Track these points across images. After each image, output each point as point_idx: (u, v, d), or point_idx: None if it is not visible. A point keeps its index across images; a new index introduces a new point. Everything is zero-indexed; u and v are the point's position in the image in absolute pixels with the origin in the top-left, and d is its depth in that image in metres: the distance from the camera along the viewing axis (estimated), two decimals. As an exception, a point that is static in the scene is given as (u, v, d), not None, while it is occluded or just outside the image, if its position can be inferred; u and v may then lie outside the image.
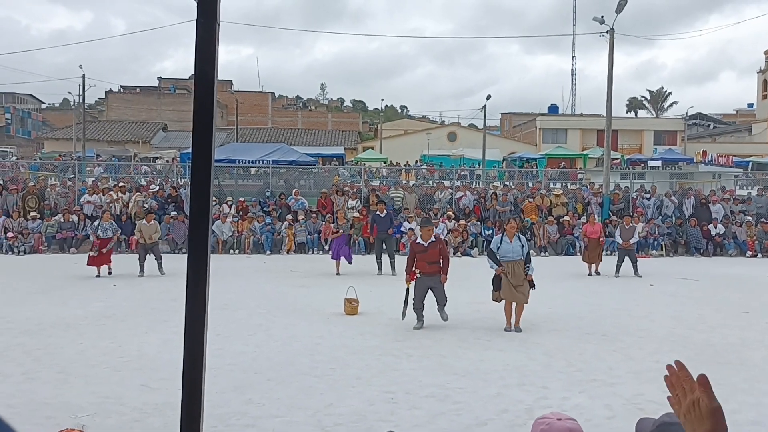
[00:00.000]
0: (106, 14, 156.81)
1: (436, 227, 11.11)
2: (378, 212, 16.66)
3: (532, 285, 9.82)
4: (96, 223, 16.84)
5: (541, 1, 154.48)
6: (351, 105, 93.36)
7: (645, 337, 9.22)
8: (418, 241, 10.05)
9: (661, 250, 21.32)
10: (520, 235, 10.24)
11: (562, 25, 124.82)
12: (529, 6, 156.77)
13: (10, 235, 19.83)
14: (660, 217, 22.66)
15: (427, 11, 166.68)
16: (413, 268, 9.80)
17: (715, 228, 21.77)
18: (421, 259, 9.76)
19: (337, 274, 15.42)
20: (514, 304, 9.69)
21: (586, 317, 10.69)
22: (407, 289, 9.87)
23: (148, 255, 15.30)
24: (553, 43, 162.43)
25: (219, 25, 1.31)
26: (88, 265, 14.85)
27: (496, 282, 9.80)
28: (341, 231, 16.39)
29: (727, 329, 9.86)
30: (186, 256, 1.34)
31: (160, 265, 15.21)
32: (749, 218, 22.35)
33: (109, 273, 15.09)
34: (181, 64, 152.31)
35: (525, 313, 9.80)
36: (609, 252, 18.89)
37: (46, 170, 30.55)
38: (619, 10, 22.96)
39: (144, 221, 15.95)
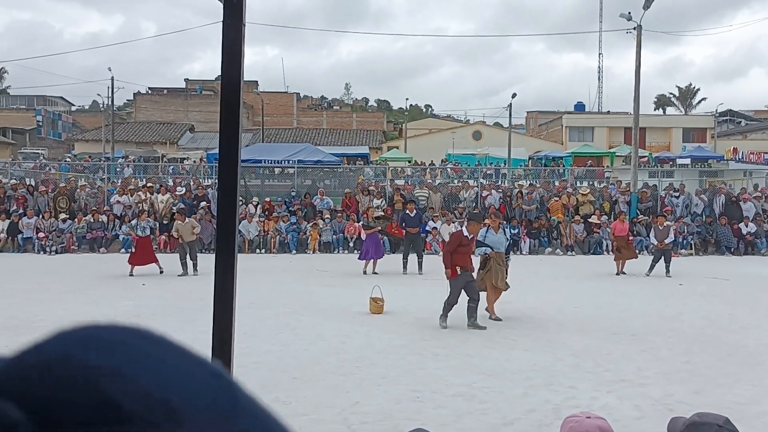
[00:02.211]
0: (137, 17, 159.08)
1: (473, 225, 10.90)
2: (408, 212, 16.60)
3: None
4: (134, 221, 17.00)
5: (562, 0, 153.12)
6: (375, 105, 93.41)
7: (675, 338, 9.08)
8: (465, 234, 9.95)
9: (691, 249, 21.00)
10: (506, 229, 11.05)
11: (585, 23, 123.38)
12: (552, 4, 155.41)
13: (41, 235, 20.22)
14: (689, 215, 22.33)
15: (448, 11, 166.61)
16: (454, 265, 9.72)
17: (747, 226, 21.38)
18: (464, 252, 9.72)
19: (364, 273, 15.43)
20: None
21: (614, 317, 10.56)
22: (452, 290, 9.63)
23: (187, 254, 15.30)
24: (579, 41, 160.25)
25: (245, 26, 1.31)
26: (129, 263, 15.01)
27: (484, 263, 10.34)
28: (374, 228, 16.24)
29: (760, 330, 9.67)
30: (213, 255, 1.36)
31: (195, 266, 15.19)
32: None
33: (161, 272, 15.19)
34: (208, 65, 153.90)
35: (552, 312, 9.86)
36: (639, 250, 18.65)
37: (76, 171, 31.06)
38: (646, 6, 22.67)
39: (179, 221, 15.97)
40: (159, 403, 0.37)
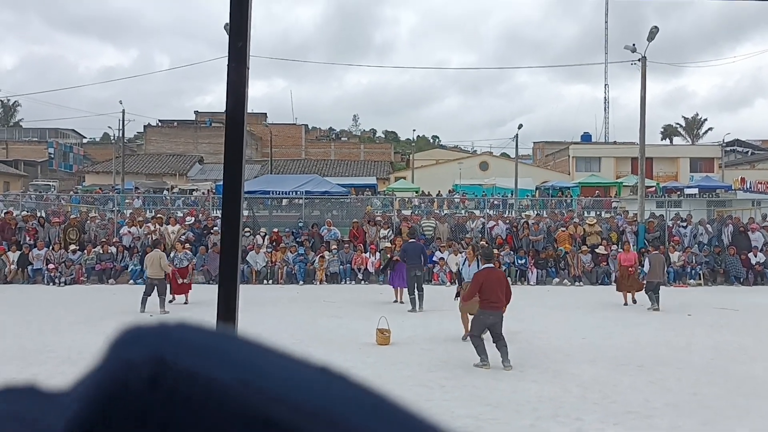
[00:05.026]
0: (151, 51, 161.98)
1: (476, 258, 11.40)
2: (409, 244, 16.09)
3: None
4: (172, 254, 17.01)
5: (563, 32, 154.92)
6: (383, 136, 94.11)
7: (683, 369, 9.02)
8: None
9: (699, 279, 20.89)
10: (479, 261, 11.10)
11: (588, 54, 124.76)
12: (552, 36, 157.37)
13: (51, 266, 20.35)
14: (696, 245, 22.26)
15: (450, 44, 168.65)
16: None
17: (755, 256, 21.27)
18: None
19: (395, 301, 15.50)
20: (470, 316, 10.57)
21: (621, 348, 10.51)
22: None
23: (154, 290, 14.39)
24: (584, 72, 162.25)
25: (248, 69, 1.40)
26: (172, 293, 15.19)
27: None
28: (397, 257, 16.11)
29: (770, 360, 9.59)
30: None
31: (162, 302, 14.33)
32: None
33: (185, 302, 15.24)
34: (219, 98, 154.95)
35: (560, 343, 9.80)
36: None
37: (87, 203, 31.36)
38: (650, 38, 22.91)
39: (149, 253, 15.41)
40: (316, 415, 0.32)
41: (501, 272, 9.81)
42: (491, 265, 9.70)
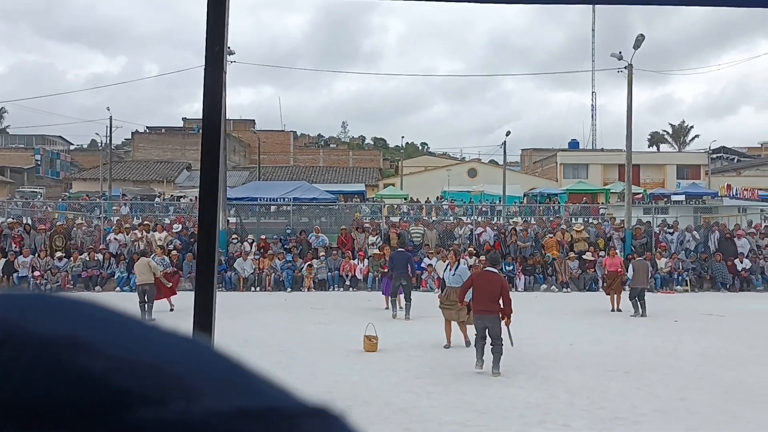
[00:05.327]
0: (140, 59, 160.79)
1: (457, 263, 11.65)
2: (397, 252, 15.75)
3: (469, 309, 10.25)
4: (152, 256, 16.92)
5: (548, 40, 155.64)
6: (372, 143, 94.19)
7: (671, 375, 9.05)
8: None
9: (686, 285, 21.00)
10: (459, 266, 11.55)
11: (575, 61, 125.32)
12: (537, 44, 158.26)
13: (37, 273, 20.17)
14: (683, 251, 22.39)
15: (438, 52, 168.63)
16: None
17: (741, 263, 21.43)
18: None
19: (387, 308, 15.09)
20: (453, 324, 10.89)
21: (609, 354, 10.53)
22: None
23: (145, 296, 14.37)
24: (571, 80, 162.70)
25: (226, 74, 1.38)
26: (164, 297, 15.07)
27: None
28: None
29: (758, 366, 9.62)
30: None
31: (150, 308, 14.24)
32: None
33: (171, 309, 15.03)
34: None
35: (547, 349, 9.88)
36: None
37: (73, 210, 31.13)
38: (637, 45, 23.10)
39: (136, 261, 15.36)
40: (161, 376, 0.30)
41: (498, 276, 9.51)
42: (492, 269, 9.70)
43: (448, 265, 11.76)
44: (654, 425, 6.76)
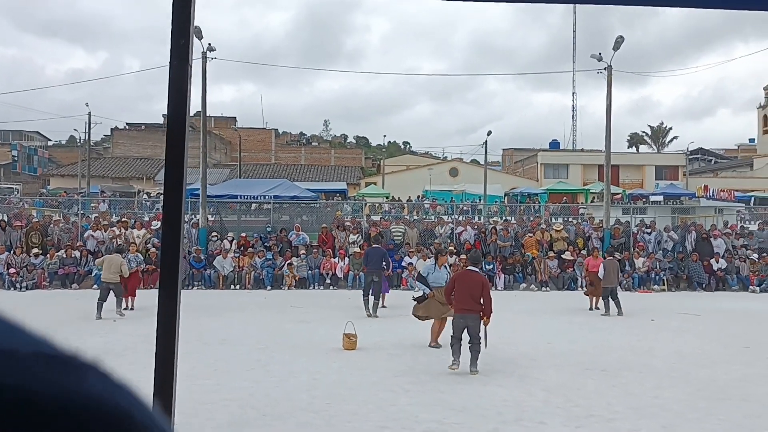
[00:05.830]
0: (121, 54, 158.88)
1: (443, 263, 11.78)
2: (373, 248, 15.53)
3: None
4: (124, 254, 16.76)
5: (530, 41, 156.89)
6: (354, 141, 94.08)
7: (646, 373, 9.15)
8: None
9: (663, 284, 21.24)
10: (447, 266, 11.91)
11: (555, 62, 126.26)
12: (520, 45, 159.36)
13: (12, 270, 19.88)
14: (660, 251, 22.64)
15: (420, 52, 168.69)
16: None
17: (717, 263, 21.71)
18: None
19: (365, 306, 14.86)
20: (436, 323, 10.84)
21: (586, 352, 10.62)
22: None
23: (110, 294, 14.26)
24: (552, 80, 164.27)
25: (191, 67, 1.37)
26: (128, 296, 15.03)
27: (421, 300, 11.17)
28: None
29: (730, 365, 9.77)
30: (188, 291, 1.38)
31: (119, 302, 14.28)
32: (754, 255, 22.19)
33: (131, 308, 14.91)
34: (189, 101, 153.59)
35: (525, 347, 9.94)
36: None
37: (51, 206, 30.71)
38: (616, 47, 23.29)
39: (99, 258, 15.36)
40: None
41: (479, 276, 9.53)
42: (474, 268, 9.73)
43: (435, 263, 11.75)
44: (628, 422, 6.83)
